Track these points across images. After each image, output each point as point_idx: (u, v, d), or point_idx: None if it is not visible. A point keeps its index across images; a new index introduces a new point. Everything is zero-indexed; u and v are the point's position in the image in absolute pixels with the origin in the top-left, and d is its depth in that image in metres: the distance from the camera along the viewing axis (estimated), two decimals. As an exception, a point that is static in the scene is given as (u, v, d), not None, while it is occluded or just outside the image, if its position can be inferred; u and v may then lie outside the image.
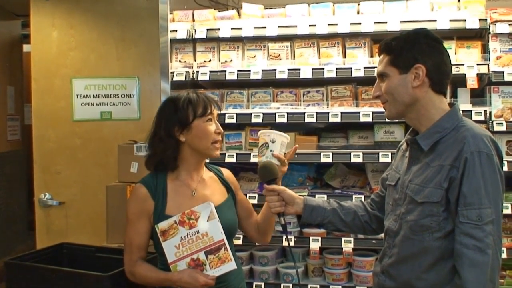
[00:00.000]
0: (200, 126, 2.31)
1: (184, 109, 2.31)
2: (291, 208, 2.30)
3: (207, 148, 2.33)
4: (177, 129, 2.31)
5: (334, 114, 3.68)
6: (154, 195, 2.30)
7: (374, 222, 2.35)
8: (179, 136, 2.31)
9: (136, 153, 3.52)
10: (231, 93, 3.99)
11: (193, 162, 2.37)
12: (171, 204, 2.30)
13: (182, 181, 2.36)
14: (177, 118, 2.30)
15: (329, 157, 3.68)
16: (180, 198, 2.32)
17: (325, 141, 4.06)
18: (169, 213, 2.27)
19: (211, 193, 2.40)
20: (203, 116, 2.32)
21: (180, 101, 2.33)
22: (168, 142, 2.31)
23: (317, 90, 3.90)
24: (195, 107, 2.31)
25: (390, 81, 2.04)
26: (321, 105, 3.86)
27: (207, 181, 2.43)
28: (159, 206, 2.29)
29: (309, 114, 3.71)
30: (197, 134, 2.30)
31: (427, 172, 1.97)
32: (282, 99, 3.93)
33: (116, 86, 4.07)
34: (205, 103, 2.33)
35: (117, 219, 3.40)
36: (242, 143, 3.98)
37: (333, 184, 4.06)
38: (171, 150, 2.31)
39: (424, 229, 1.95)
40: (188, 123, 2.30)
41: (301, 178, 4.09)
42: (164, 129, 2.31)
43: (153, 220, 2.28)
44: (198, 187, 2.37)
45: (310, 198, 2.36)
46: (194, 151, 2.34)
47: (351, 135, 4.04)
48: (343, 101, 3.83)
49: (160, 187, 2.32)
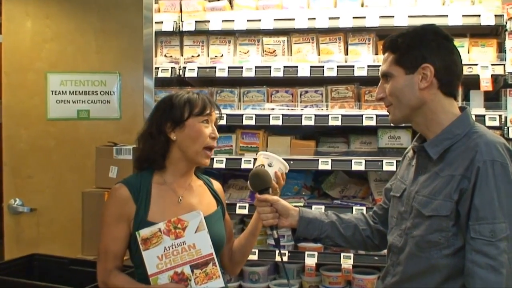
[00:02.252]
0: (194, 125, 2.32)
1: (180, 106, 2.33)
2: (285, 220, 2.29)
3: (197, 152, 2.33)
4: (169, 126, 2.33)
5: (334, 117, 3.67)
6: (136, 197, 2.29)
7: (377, 237, 2.34)
8: (170, 133, 2.33)
9: (115, 156, 3.51)
10: (221, 92, 3.97)
11: (181, 167, 2.38)
12: (154, 210, 2.29)
13: (168, 186, 2.36)
14: (171, 114, 2.33)
15: (328, 164, 3.66)
16: (164, 204, 2.32)
17: (323, 147, 4.05)
18: (151, 219, 2.26)
19: (199, 202, 2.40)
20: (200, 116, 2.33)
21: (178, 98, 2.36)
22: (157, 139, 2.33)
23: (315, 90, 3.89)
24: (193, 104, 2.34)
25: (395, 82, 2.04)
26: (320, 106, 3.85)
27: (195, 189, 2.44)
28: (141, 210, 2.28)
29: (307, 116, 3.69)
30: (190, 134, 2.31)
31: (436, 183, 1.96)
32: (277, 99, 3.92)
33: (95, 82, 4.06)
34: (204, 103, 2.36)
35: (93, 228, 3.38)
36: (232, 147, 3.96)
37: (332, 194, 4.04)
38: (160, 146, 2.33)
39: (432, 245, 1.94)
40: (182, 120, 2.32)
41: (296, 187, 4.08)
42: (156, 125, 2.34)
43: (133, 226, 2.26)
44: (185, 194, 2.38)
45: (306, 209, 2.36)
46: (183, 154, 2.35)
47: (353, 140, 4.03)
48: (344, 103, 3.82)
49: (144, 190, 2.31)
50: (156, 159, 2.35)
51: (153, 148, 2.33)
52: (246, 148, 3.90)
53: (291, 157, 3.72)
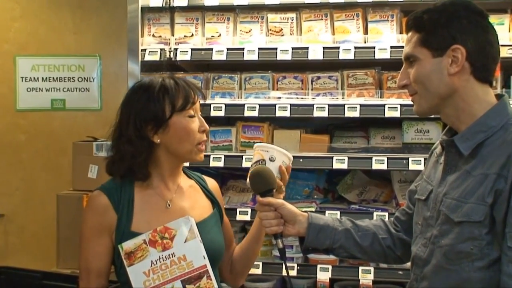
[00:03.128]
0: (180, 123, 2.31)
1: (160, 101, 2.29)
2: (291, 228, 2.29)
3: (189, 151, 2.33)
4: (150, 128, 2.30)
5: (351, 107, 3.67)
6: (117, 206, 2.29)
7: (399, 247, 2.34)
8: (154, 136, 2.31)
9: (95, 153, 3.53)
10: (219, 78, 3.98)
11: (168, 167, 2.38)
12: (138, 219, 2.29)
13: (153, 190, 2.36)
14: (151, 113, 2.29)
15: (344, 163, 3.67)
16: (150, 211, 2.32)
17: (339, 142, 4.05)
18: (135, 229, 2.26)
19: (191, 206, 2.40)
20: (184, 110, 2.31)
21: (153, 90, 2.31)
22: (139, 145, 2.30)
23: (329, 75, 3.89)
24: (174, 98, 2.30)
25: (420, 66, 2.04)
26: (335, 95, 3.85)
27: (185, 191, 2.43)
28: (123, 220, 2.28)
29: (319, 106, 3.70)
30: (176, 134, 2.30)
31: (467, 183, 1.96)
32: (284, 87, 3.93)
33: (71, 67, 4.08)
34: (185, 92, 2.33)
35: (70, 237, 3.41)
36: (232, 142, 3.96)
37: (348, 197, 4.04)
38: (144, 155, 2.31)
39: (463, 257, 1.94)
40: (164, 120, 2.29)
41: (307, 189, 4.07)
42: (133, 128, 2.29)
43: (116, 238, 2.27)
44: (174, 197, 2.38)
45: (316, 215, 2.35)
46: (172, 155, 2.35)
47: (373, 135, 4.03)
48: (363, 90, 3.83)
49: (125, 196, 2.31)
50: (139, 170, 2.32)
51: (135, 157, 2.30)
52: (248, 144, 3.89)
53: (301, 154, 3.73)
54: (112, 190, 2.31)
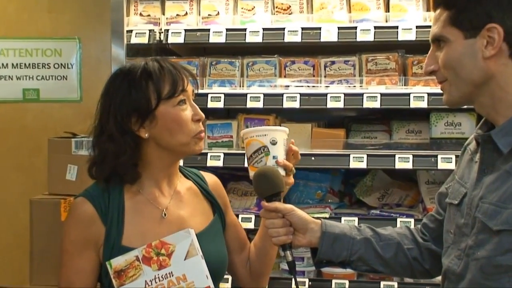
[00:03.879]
0: (168, 114, 2.29)
1: (142, 88, 2.28)
2: (302, 237, 2.29)
3: (186, 143, 2.32)
4: (134, 121, 2.28)
5: (371, 96, 3.67)
6: (104, 215, 2.28)
7: (427, 259, 2.34)
8: (139, 130, 2.29)
9: (75, 151, 3.52)
10: (217, 64, 3.98)
11: (161, 166, 2.36)
12: (130, 231, 2.28)
13: (146, 196, 2.35)
14: (133, 104, 2.27)
15: (363, 161, 3.67)
16: (144, 222, 2.31)
17: (357, 137, 4.06)
18: (127, 243, 2.25)
19: (190, 214, 2.40)
20: (172, 98, 2.29)
21: (134, 76, 2.30)
22: (122, 142, 2.28)
23: (345, 60, 3.89)
24: (159, 84, 2.29)
25: (450, 49, 2.03)
26: (352, 82, 3.85)
27: (183, 195, 2.43)
28: (112, 233, 2.27)
29: (334, 96, 3.70)
30: (166, 126, 2.29)
31: (507, 186, 1.96)
32: (293, 74, 3.93)
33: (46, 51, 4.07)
34: (172, 76, 2.31)
35: (46, 248, 3.40)
36: (232, 138, 3.97)
37: (368, 201, 4.06)
38: (129, 153, 2.29)
39: (502, 271, 1.93)
40: (149, 110, 2.28)
41: (320, 192, 4.09)
42: (114, 121, 2.28)
43: (104, 254, 2.26)
44: (171, 205, 2.37)
45: (330, 222, 2.35)
46: (165, 149, 2.33)
47: (396, 128, 4.03)
48: (385, 77, 3.83)
49: (114, 204, 2.30)
50: (126, 173, 2.31)
51: (118, 156, 2.28)
52: None
53: (312, 151, 3.74)
54: (98, 197, 2.30)
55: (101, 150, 2.31)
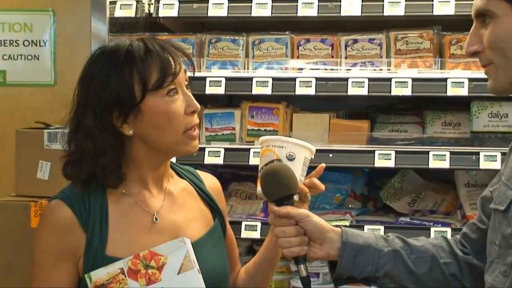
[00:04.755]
0: (156, 107, 2.27)
1: (125, 77, 2.26)
2: (318, 248, 2.28)
3: (175, 142, 2.31)
4: (116, 116, 2.28)
5: (401, 82, 3.67)
6: (85, 221, 2.28)
7: (467, 275, 2.34)
8: (122, 127, 2.29)
9: (47, 145, 3.53)
10: (217, 42, 3.99)
11: (150, 167, 2.37)
12: (116, 238, 2.29)
13: (133, 198, 2.36)
14: (114, 95, 2.26)
15: (391, 159, 3.67)
16: (131, 228, 2.32)
17: (383, 130, 4.07)
18: (112, 253, 2.26)
19: (186, 218, 2.41)
20: (160, 88, 2.27)
21: (117, 60, 2.28)
22: (102, 140, 2.27)
23: (370, 38, 3.91)
24: (144, 71, 2.26)
25: (497, 26, 2.02)
26: (377, 65, 3.86)
27: (177, 197, 2.44)
28: (94, 241, 2.27)
29: (356, 80, 3.70)
30: (153, 121, 2.28)
31: None
32: (307, 54, 3.94)
33: (14, 26, 4.06)
34: (161, 61, 2.28)
35: (12, 261, 3.39)
36: (235, 130, 3.98)
37: (396, 207, 4.07)
38: (110, 154, 2.28)
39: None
40: (133, 103, 2.26)
41: (339, 196, 4.10)
42: (92, 115, 2.27)
43: (84, 265, 2.26)
44: (163, 208, 2.38)
45: (352, 231, 2.35)
46: (152, 149, 2.33)
47: (431, 120, 4.04)
48: (417, 59, 3.83)
49: (96, 208, 2.30)
50: (108, 175, 2.30)
51: (97, 156, 2.28)
52: (258, 133, 3.90)
53: (330, 146, 3.75)
54: (77, 199, 2.30)
55: (78, 148, 2.31)
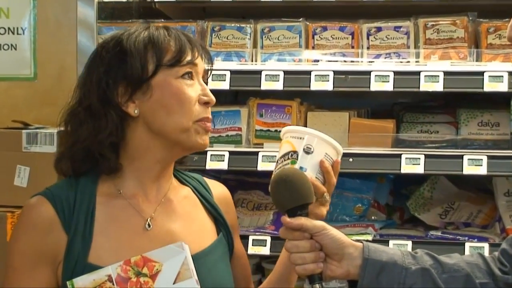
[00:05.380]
0: (168, 85, 2.32)
1: (139, 52, 2.33)
2: (336, 266, 2.28)
3: (186, 128, 2.33)
4: (122, 91, 2.32)
5: (431, 76, 3.67)
6: (67, 221, 2.30)
7: (507, 297, 2.34)
8: (127, 104, 2.33)
9: (26, 147, 3.53)
10: (221, 30, 4.00)
11: (152, 161, 2.39)
12: (101, 244, 2.30)
13: (126, 200, 2.38)
14: (124, 69, 2.32)
15: (419, 164, 3.67)
16: (120, 233, 2.34)
17: (410, 130, 4.08)
18: (95, 260, 2.27)
19: (184, 229, 2.42)
20: (175, 66, 2.33)
21: (131, 38, 2.36)
22: (103, 115, 2.31)
23: (395, 26, 3.91)
24: (160, 47, 2.34)
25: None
26: (404, 56, 3.87)
27: (177, 205, 2.46)
28: (76, 244, 2.28)
29: (380, 74, 3.71)
30: (163, 100, 2.32)
31: None
32: (324, 44, 3.95)
33: (-13, 11, 4.07)
34: (181, 42, 2.36)
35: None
36: (241, 131, 3.99)
37: (426, 219, 4.07)
38: (110, 130, 2.31)
39: None
40: (144, 77, 2.31)
41: (360, 206, 4.11)
42: (97, 89, 2.32)
43: (63, 273, 2.27)
44: (158, 213, 2.40)
45: (375, 246, 2.35)
46: (157, 136, 2.35)
47: (465, 120, 4.04)
48: (449, 50, 3.84)
49: (82, 207, 2.32)
50: (102, 156, 2.32)
51: (95, 135, 2.30)
52: (267, 134, 3.92)
53: (350, 149, 3.75)
54: (61, 196, 2.32)
55: (75, 126, 2.34)
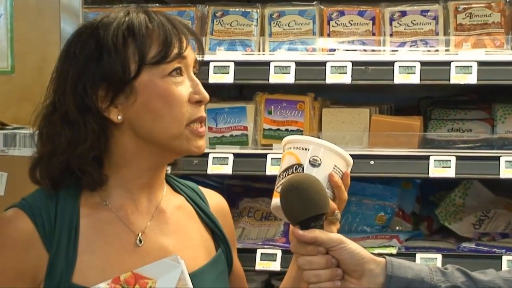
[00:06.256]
0: (154, 86, 2.31)
1: (118, 49, 2.30)
2: (355, 284, 2.30)
3: (176, 134, 2.33)
4: (102, 95, 2.31)
5: (462, 67, 3.68)
6: (48, 237, 2.29)
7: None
8: (108, 110, 2.32)
9: (3, 150, 3.54)
10: (224, 15, 4.02)
11: (140, 169, 2.39)
12: (85, 263, 2.30)
13: (113, 212, 2.38)
14: (102, 69, 2.30)
15: (450, 166, 3.68)
16: (107, 250, 2.34)
17: (440, 129, 4.09)
18: (80, 281, 2.27)
19: (180, 244, 2.43)
20: (162, 63, 2.31)
21: (109, 31, 2.32)
22: (82, 123, 2.30)
23: (422, 10, 3.92)
24: (143, 43, 2.31)
25: None
26: (432, 44, 3.88)
27: (170, 216, 2.47)
28: (59, 263, 2.28)
29: (404, 65, 3.74)
30: (149, 104, 2.31)
31: None
32: (341, 30, 3.97)
33: (-41, -5, 4.11)
34: (165, 34, 2.33)
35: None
36: (247, 130, 4.01)
37: (457, 229, 4.09)
38: (91, 142, 2.30)
39: None
40: (126, 79, 2.30)
41: (383, 215, 4.12)
42: (73, 93, 2.31)
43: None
44: (150, 227, 2.41)
45: (400, 262, 2.35)
46: (145, 142, 2.35)
47: (501, 116, 4.05)
48: (484, 36, 3.85)
49: (64, 221, 2.32)
50: (84, 172, 2.32)
51: (75, 148, 2.30)
52: (277, 134, 3.95)
53: (371, 150, 3.79)
54: (39, 208, 2.32)
55: (51, 135, 2.33)
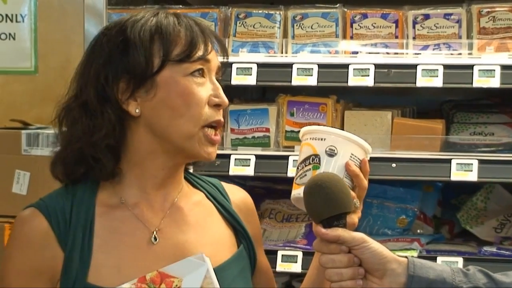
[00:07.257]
0: (175, 83, 2.33)
1: (144, 44, 2.33)
2: (377, 283, 2.28)
3: (191, 134, 2.34)
4: (123, 87, 2.33)
5: (486, 70, 3.67)
6: (64, 236, 2.32)
7: None
8: (128, 102, 2.34)
9: (26, 149, 3.54)
10: (247, 17, 4.02)
11: (156, 166, 2.40)
12: (100, 262, 2.31)
13: (129, 209, 2.40)
14: (126, 62, 2.33)
15: (472, 170, 3.67)
16: (122, 248, 2.35)
17: (463, 132, 4.07)
18: (95, 280, 2.28)
19: (198, 241, 2.43)
20: (185, 62, 2.34)
21: (136, 27, 2.36)
22: (99, 113, 2.33)
23: (446, 13, 3.90)
24: (168, 40, 2.34)
25: None
26: (455, 47, 3.86)
27: (188, 213, 2.47)
28: (73, 262, 2.29)
29: (427, 68, 3.72)
30: (168, 100, 2.33)
31: None
32: (364, 33, 3.96)
33: (-17, -4, 4.12)
34: (192, 34, 2.36)
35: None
36: (269, 132, 4.00)
37: (479, 233, 4.07)
38: (106, 131, 2.32)
39: None
40: (148, 73, 2.32)
41: (404, 218, 4.11)
42: (95, 84, 2.34)
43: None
44: (165, 224, 2.41)
45: (422, 262, 2.34)
46: (160, 140, 2.36)
47: (525, 120, 4.03)
48: (507, 40, 3.83)
49: (80, 220, 2.33)
50: (96, 160, 2.34)
51: (90, 136, 2.32)
52: (298, 135, 3.85)
53: (393, 153, 3.78)
54: (55, 208, 2.34)
55: (69, 123, 2.37)
